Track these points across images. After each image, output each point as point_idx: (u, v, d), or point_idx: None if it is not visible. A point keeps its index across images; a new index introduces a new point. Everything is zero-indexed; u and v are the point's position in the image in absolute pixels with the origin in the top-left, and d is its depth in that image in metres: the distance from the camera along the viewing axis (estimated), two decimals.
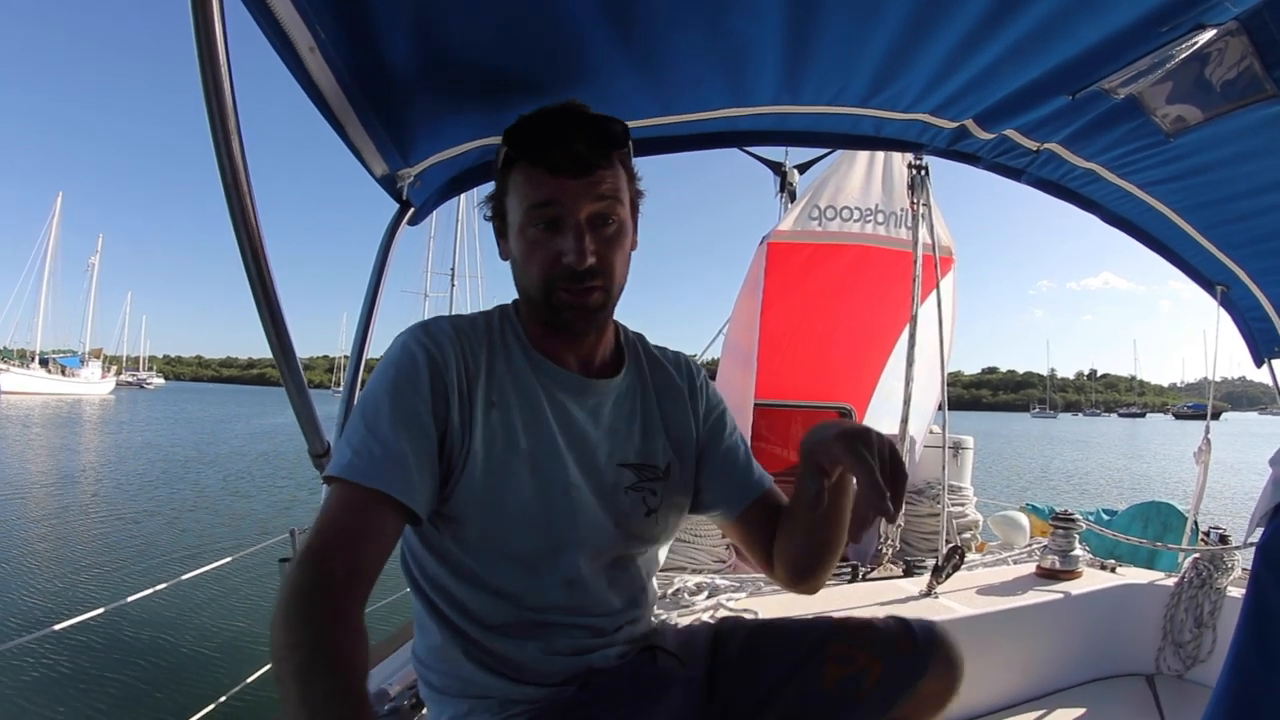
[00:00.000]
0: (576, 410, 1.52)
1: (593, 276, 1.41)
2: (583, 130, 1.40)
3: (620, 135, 1.46)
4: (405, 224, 2.14)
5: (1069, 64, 1.77)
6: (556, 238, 1.40)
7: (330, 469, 1.30)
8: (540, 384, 1.50)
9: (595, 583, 1.50)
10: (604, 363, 1.61)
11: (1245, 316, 3.23)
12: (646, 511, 1.56)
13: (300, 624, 1.11)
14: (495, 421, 1.43)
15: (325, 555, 1.18)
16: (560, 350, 1.54)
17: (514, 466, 1.42)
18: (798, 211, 5.27)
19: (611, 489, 1.52)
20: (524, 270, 1.46)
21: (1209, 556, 3.25)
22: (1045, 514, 5.60)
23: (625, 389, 1.61)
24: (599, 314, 1.47)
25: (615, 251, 1.45)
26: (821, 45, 1.77)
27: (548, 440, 1.46)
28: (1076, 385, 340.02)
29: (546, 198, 1.39)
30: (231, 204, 1.38)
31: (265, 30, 1.41)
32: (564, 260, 1.39)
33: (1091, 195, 2.55)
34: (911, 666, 1.47)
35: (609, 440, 1.55)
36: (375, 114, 1.79)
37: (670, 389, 1.67)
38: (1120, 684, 3.18)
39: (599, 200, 1.40)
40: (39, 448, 25.81)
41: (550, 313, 1.46)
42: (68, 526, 12.66)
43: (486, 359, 1.48)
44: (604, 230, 1.42)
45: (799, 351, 5.42)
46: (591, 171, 1.39)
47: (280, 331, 1.59)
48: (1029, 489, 23.79)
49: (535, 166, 1.40)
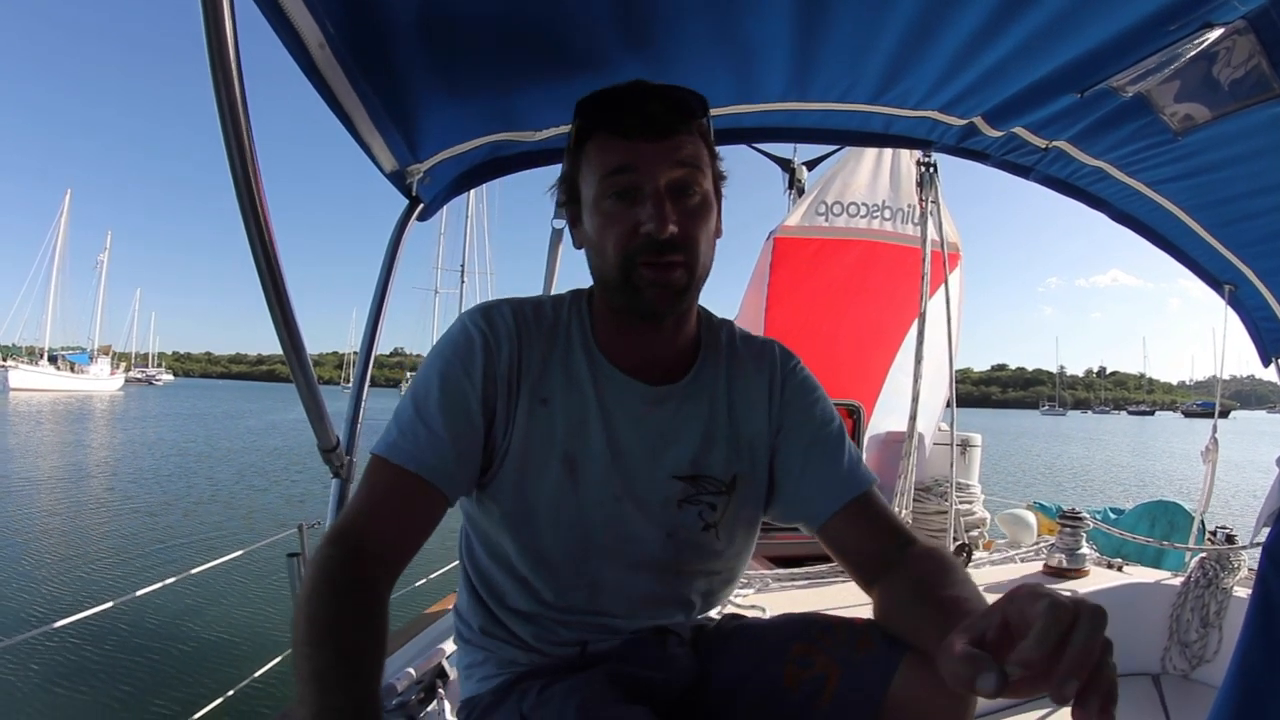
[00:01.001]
0: (628, 418, 1.43)
1: (674, 249, 1.29)
2: (658, 95, 1.33)
3: (699, 105, 1.38)
4: (415, 220, 2.15)
5: (1077, 62, 1.77)
6: (634, 208, 1.30)
7: (376, 446, 1.31)
8: (594, 387, 1.43)
9: (629, 591, 1.45)
10: (675, 363, 1.50)
11: (1253, 315, 3.23)
12: (705, 526, 1.46)
13: (326, 620, 1.10)
14: (539, 420, 1.39)
15: (359, 535, 1.19)
16: (627, 349, 1.46)
17: (549, 469, 1.38)
18: (805, 207, 5.27)
19: (661, 502, 1.43)
20: (599, 249, 1.36)
21: (1215, 556, 3.24)
22: (1053, 512, 5.59)
23: (690, 394, 1.49)
24: (683, 296, 1.35)
25: (699, 226, 1.34)
26: (831, 42, 1.77)
27: (591, 447, 1.40)
28: (1086, 383, 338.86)
29: (622, 162, 1.30)
30: (242, 200, 1.38)
31: (275, 26, 1.42)
32: (642, 230, 1.28)
33: (1100, 193, 2.55)
34: (873, 668, 1.23)
35: (661, 451, 1.44)
36: (385, 110, 1.80)
37: (748, 387, 1.53)
38: (1126, 683, 3.17)
39: (679, 166, 1.31)
40: (51, 443, 25.89)
41: (630, 295, 1.34)
42: (79, 521, 12.70)
43: (542, 353, 1.43)
44: (686, 200, 1.32)
45: (806, 347, 5.31)
46: (670, 135, 1.31)
47: (291, 327, 1.59)
48: (1036, 485, 23.76)
49: (610, 134, 1.32)
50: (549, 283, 2.46)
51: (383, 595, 1.17)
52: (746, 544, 1.55)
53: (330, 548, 1.17)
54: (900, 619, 1.27)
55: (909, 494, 3.94)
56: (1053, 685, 0.77)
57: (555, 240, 2.47)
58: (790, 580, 3.33)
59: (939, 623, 1.10)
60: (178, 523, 12.96)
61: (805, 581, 3.33)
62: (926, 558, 1.32)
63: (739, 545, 1.53)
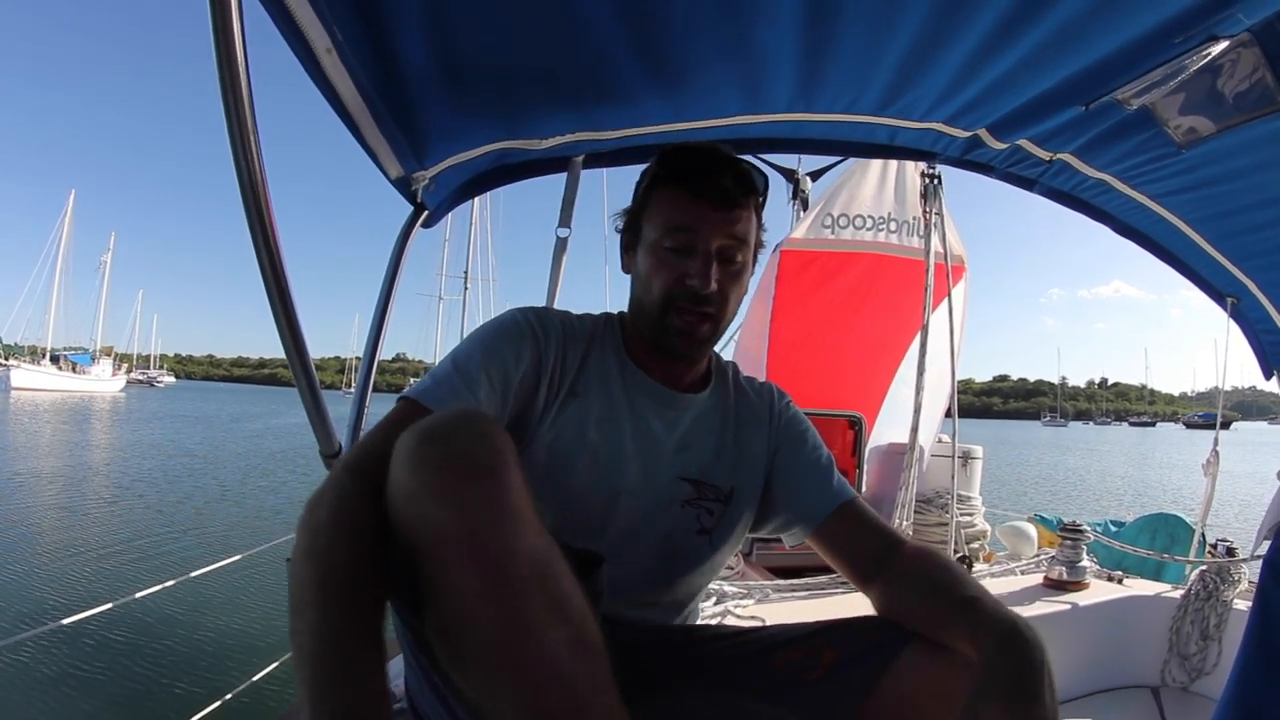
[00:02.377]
0: (654, 419, 1.57)
1: (709, 304, 1.47)
2: (731, 169, 1.47)
3: (762, 185, 1.54)
4: (419, 226, 2.15)
5: (1082, 75, 1.78)
6: (687, 260, 1.46)
7: (405, 392, 1.36)
8: (625, 387, 1.57)
9: (624, 582, 1.48)
10: (692, 382, 1.65)
11: (1255, 329, 3.22)
12: (700, 529, 1.57)
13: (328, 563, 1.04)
14: (572, 411, 1.50)
15: (373, 466, 1.15)
16: (652, 364, 1.60)
17: (577, 456, 1.48)
18: (810, 220, 5.27)
19: (667, 501, 1.55)
20: (646, 284, 1.52)
21: (1216, 569, 3.23)
22: (1053, 525, 5.58)
23: (708, 408, 1.65)
24: (705, 345, 1.56)
25: (734, 288, 1.52)
26: (838, 54, 1.78)
27: (615, 441, 1.52)
28: (1087, 394, 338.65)
29: (686, 222, 1.46)
30: (248, 204, 1.39)
31: (283, 31, 1.43)
32: (688, 282, 1.45)
33: (1103, 206, 2.55)
34: (874, 652, 1.31)
35: (679, 453, 1.58)
36: (391, 116, 1.80)
37: (751, 417, 1.69)
38: (1125, 695, 3.17)
39: (732, 237, 1.47)
40: (51, 443, 25.84)
41: (660, 332, 1.52)
42: (78, 522, 12.65)
43: (582, 354, 1.55)
44: (729, 266, 1.49)
45: (810, 359, 5.41)
46: (732, 207, 1.46)
47: (294, 332, 1.59)
48: (1036, 497, 23.71)
49: (680, 189, 1.47)
50: (553, 291, 2.46)
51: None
52: (724, 557, 1.65)
53: (349, 477, 1.14)
54: (903, 610, 1.38)
55: (910, 505, 3.93)
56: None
57: (559, 249, 2.47)
58: (790, 591, 3.32)
59: (942, 611, 1.29)
60: (177, 526, 12.92)
61: (806, 592, 3.32)
62: (920, 555, 1.46)
63: (721, 557, 1.64)
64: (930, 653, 1.29)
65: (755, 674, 1.40)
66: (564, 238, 2.46)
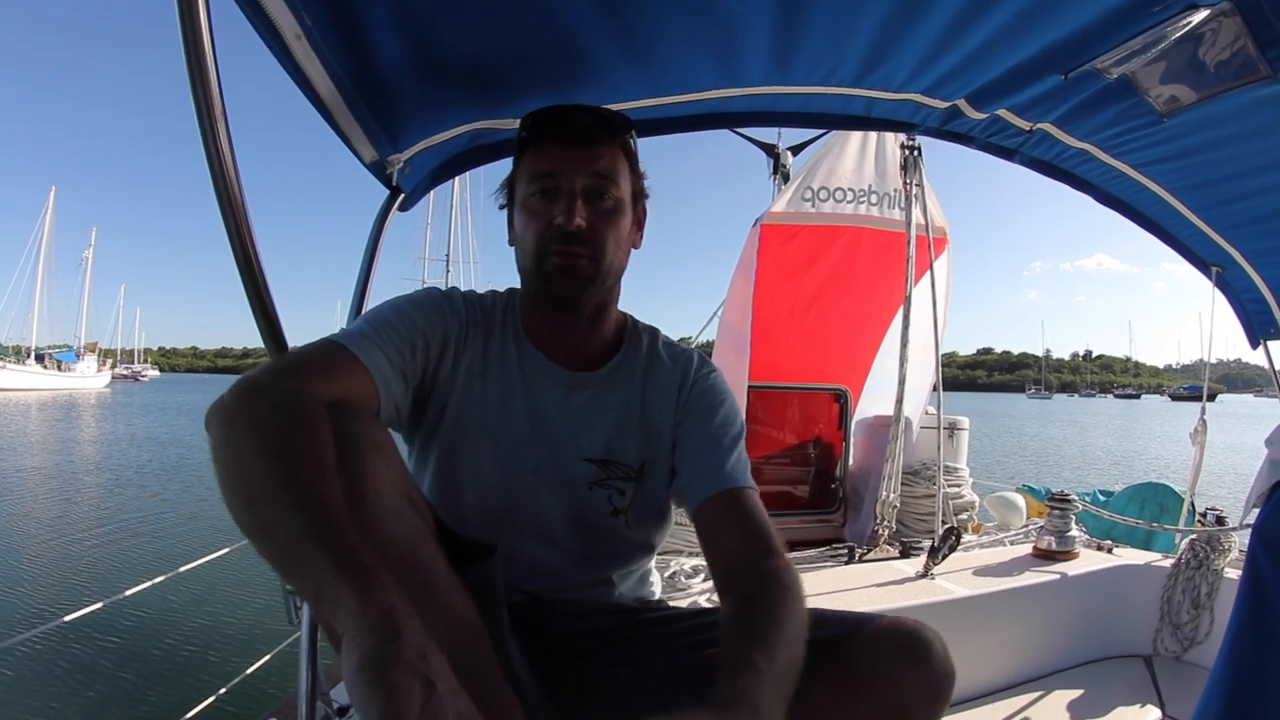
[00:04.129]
0: (549, 399, 1.57)
1: (581, 242, 1.47)
2: (588, 112, 1.53)
3: (622, 123, 1.56)
4: (396, 210, 2.13)
5: (1061, 43, 1.77)
6: (552, 205, 1.47)
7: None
8: (521, 368, 1.57)
9: (539, 567, 1.54)
10: (595, 355, 1.64)
11: (1241, 298, 3.23)
12: (613, 510, 1.57)
13: (294, 459, 1.01)
14: (474, 392, 1.53)
15: (298, 373, 1.20)
16: (550, 338, 1.60)
17: (477, 439, 1.51)
18: (790, 193, 5.25)
19: (572, 482, 1.56)
20: (522, 240, 1.54)
21: (1206, 538, 3.25)
22: (1041, 495, 5.62)
23: (609, 383, 1.62)
24: (587, 285, 1.51)
25: (608, 227, 1.51)
26: (812, 24, 1.76)
27: (513, 422, 1.54)
28: (1072, 366, 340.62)
29: (548, 168, 1.49)
30: (219, 192, 1.37)
31: (250, 17, 1.41)
32: (555, 222, 1.46)
33: (1085, 175, 2.54)
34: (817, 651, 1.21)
35: (578, 433, 1.57)
36: (363, 100, 1.78)
37: (662, 385, 1.65)
38: (1118, 665, 3.19)
39: (595, 174, 1.49)
40: (39, 443, 25.75)
41: (541, 281, 1.51)
42: (70, 519, 12.65)
43: (484, 335, 1.58)
44: (599, 203, 1.50)
45: (793, 333, 5.41)
46: (591, 145, 1.49)
47: (271, 320, 1.57)
48: (1022, 468, 23.85)
49: (541, 141, 1.51)
50: None
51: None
52: (657, 533, 1.68)
53: (287, 378, 1.17)
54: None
55: (897, 478, 3.95)
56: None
57: None
58: None
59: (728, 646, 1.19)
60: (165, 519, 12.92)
61: (796, 566, 3.33)
62: (773, 579, 1.33)
63: (648, 533, 1.65)
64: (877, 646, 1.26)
65: (683, 663, 1.41)
66: None
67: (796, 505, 4.97)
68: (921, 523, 4.46)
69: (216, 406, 1.10)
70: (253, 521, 0.97)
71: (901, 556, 3.57)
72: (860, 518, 4.72)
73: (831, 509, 4.96)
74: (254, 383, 1.14)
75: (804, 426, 5.21)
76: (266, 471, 0.99)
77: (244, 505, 0.99)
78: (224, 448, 1.04)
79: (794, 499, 5.01)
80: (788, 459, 5.09)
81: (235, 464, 1.03)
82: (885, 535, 3.83)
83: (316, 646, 1.68)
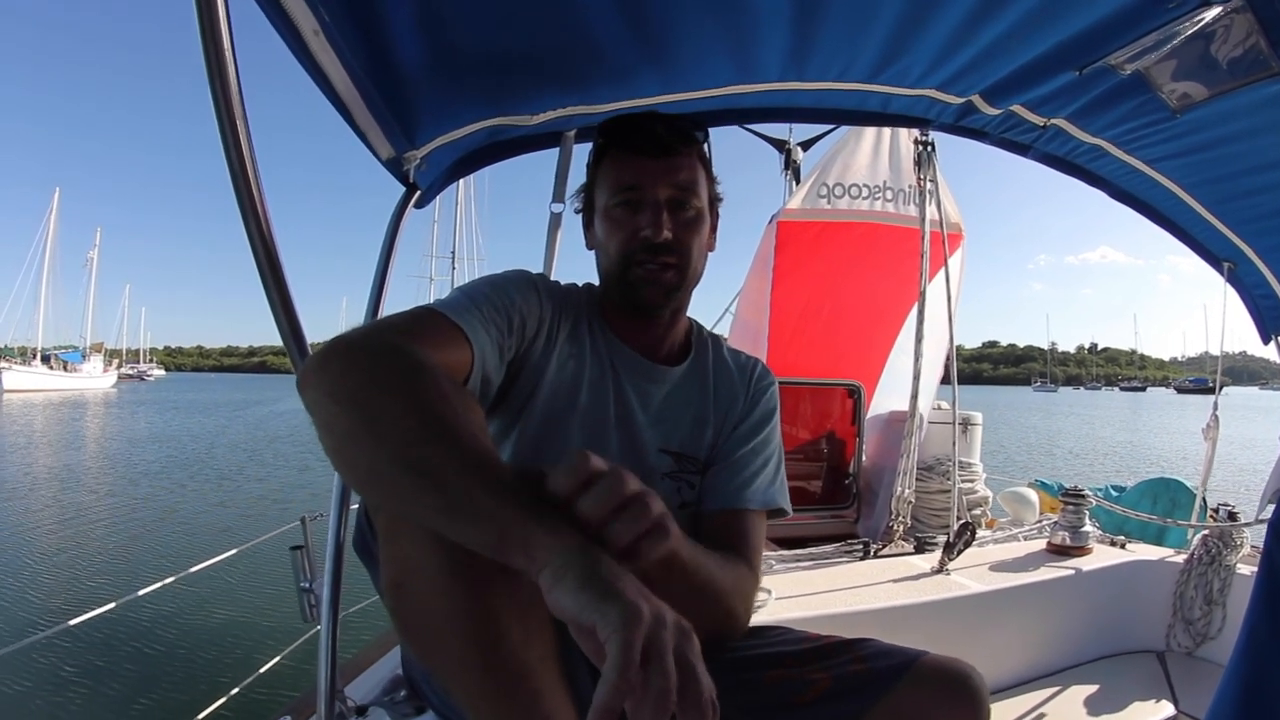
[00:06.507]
0: (632, 390, 1.59)
1: (668, 252, 1.51)
2: (663, 121, 1.53)
3: (700, 136, 1.60)
4: (412, 207, 2.13)
5: (1075, 39, 1.77)
6: (637, 216, 1.51)
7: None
8: (610, 358, 1.60)
9: None
10: (670, 353, 1.68)
11: (1252, 294, 3.22)
12: (681, 504, 1.58)
13: (441, 407, 0.97)
14: (569, 370, 1.54)
15: (400, 331, 1.18)
16: (630, 334, 1.63)
17: (569, 419, 1.52)
18: (806, 190, 5.24)
19: (647, 472, 1.55)
20: (605, 249, 1.57)
21: (1218, 533, 3.25)
22: (1054, 490, 5.61)
23: (684, 379, 1.66)
24: (673, 293, 1.56)
25: (691, 236, 1.54)
26: (828, 20, 1.76)
27: (600, 407, 1.55)
28: (1077, 359, 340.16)
29: (631, 180, 1.51)
30: (240, 192, 1.38)
31: (269, 15, 1.41)
32: (641, 234, 1.49)
33: (1098, 171, 2.54)
34: (868, 685, 1.33)
35: (656, 425, 1.61)
36: (381, 97, 1.79)
37: (730, 386, 1.71)
38: (1131, 660, 3.19)
39: (676, 186, 1.52)
40: (47, 445, 25.78)
41: (626, 289, 1.54)
42: (80, 518, 12.66)
43: (573, 320, 1.59)
44: (681, 214, 1.53)
45: (809, 329, 5.38)
46: (671, 156, 1.52)
47: (292, 318, 1.58)
48: (1033, 462, 23.80)
49: (620, 151, 1.54)
50: (548, 266, 2.46)
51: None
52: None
53: (382, 335, 1.14)
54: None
55: (912, 473, 3.94)
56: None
57: (554, 224, 2.46)
58: (795, 561, 3.33)
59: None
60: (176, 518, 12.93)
61: (810, 562, 3.34)
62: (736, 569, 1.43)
63: (695, 529, 1.60)
64: (923, 685, 1.31)
65: (744, 688, 1.41)
66: (558, 213, 2.44)
67: (811, 501, 4.95)
68: (936, 518, 4.45)
69: (318, 360, 1.05)
70: (405, 462, 0.91)
71: (916, 552, 3.57)
72: (875, 513, 4.72)
73: (846, 504, 4.94)
74: (351, 340, 1.09)
75: (818, 422, 5.19)
76: (406, 410, 0.95)
77: (399, 443, 0.93)
78: (341, 394, 0.99)
79: (808, 495, 4.99)
80: (802, 454, 5.07)
81: (370, 405, 0.96)
82: (900, 531, 3.83)
83: (336, 642, 1.69)
